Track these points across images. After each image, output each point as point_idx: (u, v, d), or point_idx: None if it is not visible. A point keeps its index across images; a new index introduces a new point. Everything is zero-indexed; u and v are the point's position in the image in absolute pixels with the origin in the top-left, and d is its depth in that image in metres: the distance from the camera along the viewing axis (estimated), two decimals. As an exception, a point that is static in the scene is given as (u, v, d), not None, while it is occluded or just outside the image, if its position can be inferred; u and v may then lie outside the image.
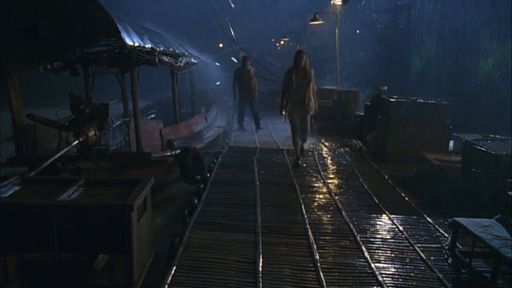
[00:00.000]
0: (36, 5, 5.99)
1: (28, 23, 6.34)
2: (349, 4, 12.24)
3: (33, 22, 6.36)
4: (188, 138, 9.46)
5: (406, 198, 5.86)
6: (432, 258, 4.01)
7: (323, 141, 10.12)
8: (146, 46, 6.86)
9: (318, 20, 13.26)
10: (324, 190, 6.20)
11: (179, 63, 9.21)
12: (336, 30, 12.36)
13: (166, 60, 8.08)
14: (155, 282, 3.51)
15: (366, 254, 4.04)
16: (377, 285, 3.52)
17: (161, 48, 7.64)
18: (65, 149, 5.64)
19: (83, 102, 6.17)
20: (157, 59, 7.23)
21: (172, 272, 3.58)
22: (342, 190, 6.25)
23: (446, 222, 4.56)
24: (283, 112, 7.44)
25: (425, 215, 5.16)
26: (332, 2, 11.89)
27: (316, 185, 6.46)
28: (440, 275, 3.67)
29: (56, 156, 5.24)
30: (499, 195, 4.58)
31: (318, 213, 5.25)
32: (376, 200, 5.71)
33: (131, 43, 6.28)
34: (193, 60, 11.00)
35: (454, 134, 7.54)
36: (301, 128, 7.36)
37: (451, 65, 12.36)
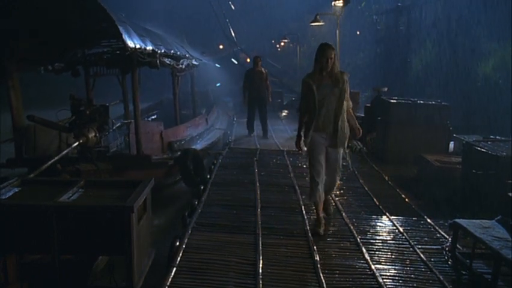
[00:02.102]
0: (36, 6, 6.00)
1: (29, 24, 6.35)
2: (349, 6, 12.23)
3: (33, 23, 6.36)
4: (189, 140, 9.46)
5: (406, 200, 5.85)
6: (432, 259, 4.00)
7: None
8: (148, 48, 6.86)
9: (318, 21, 13.27)
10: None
11: (180, 65, 9.21)
12: (337, 32, 12.36)
13: (168, 62, 8.07)
14: (155, 284, 3.51)
15: (366, 256, 4.04)
16: (377, 287, 3.51)
17: (163, 51, 7.63)
18: (65, 151, 5.64)
19: (84, 103, 6.18)
20: (158, 61, 7.22)
21: (172, 273, 3.58)
22: (342, 191, 6.24)
23: (446, 224, 4.56)
24: (302, 146, 4.70)
25: (425, 216, 5.15)
26: (332, 3, 11.88)
27: (316, 186, 6.44)
28: (441, 276, 3.66)
29: (56, 158, 5.24)
30: (500, 197, 4.58)
31: (318, 214, 5.23)
32: (376, 201, 5.71)
33: (132, 45, 6.27)
34: (194, 62, 10.99)
35: (454, 135, 7.56)
36: (330, 171, 4.64)
37: (451, 66, 12.37)
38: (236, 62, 24.88)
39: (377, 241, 4.44)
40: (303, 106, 4.67)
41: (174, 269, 3.65)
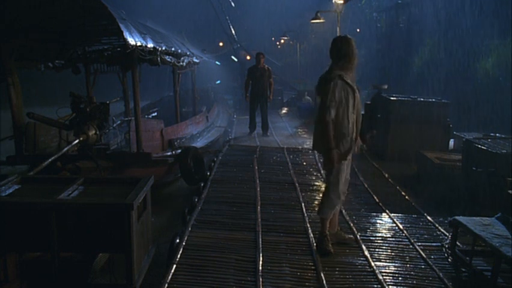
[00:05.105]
0: (36, 4, 5.99)
1: (27, 22, 6.33)
2: (349, 3, 12.22)
3: (32, 20, 6.35)
4: (189, 138, 9.45)
5: (406, 197, 5.86)
6: (432, 256, 4.01)
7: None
8: (149, 46, 6.84)
9: (319, 19, 13.24)
10: (324, 188, 6.18)
11: (181, 63, 9.18)
12: (338, 29, 12.33)
13: (168, 60, 8.04)
14: (155, 281, 3.52)
15: (366, 253, 4.04)
16: (377, 284, 3.52)
17: (163, 48, 7.60)
18: (65, 148, 5.64)
19: (84, 101, 6.17)
20: (159, 59, 7.19)
21: (172, 270, 3.59)
22: (342, 189, 6.23)
23: (446, 221, 4.57)
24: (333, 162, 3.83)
25: (425, 214, 5.16)
26: (333, 0, 11.85)
27: (316, 183, 6.45)
28: (440, 273, 3.66)
29: (56, 156, 5.23)
30: (499, 194, 4.58)
31: (318, 211, 5.24)
32: (376, 199, 5.71)
33: (133, 42, 6.25)
34: (195, 60, 10.96)
35: (454, 132, 7.56)
36: (345, 180, 4.14)
37: (451, 64, 12.36)
38: (236, 60, 24.84)
39: (377, 238, 4.45)
40: (326, 113, 3.60)
41: (174, 266, 3.66)
